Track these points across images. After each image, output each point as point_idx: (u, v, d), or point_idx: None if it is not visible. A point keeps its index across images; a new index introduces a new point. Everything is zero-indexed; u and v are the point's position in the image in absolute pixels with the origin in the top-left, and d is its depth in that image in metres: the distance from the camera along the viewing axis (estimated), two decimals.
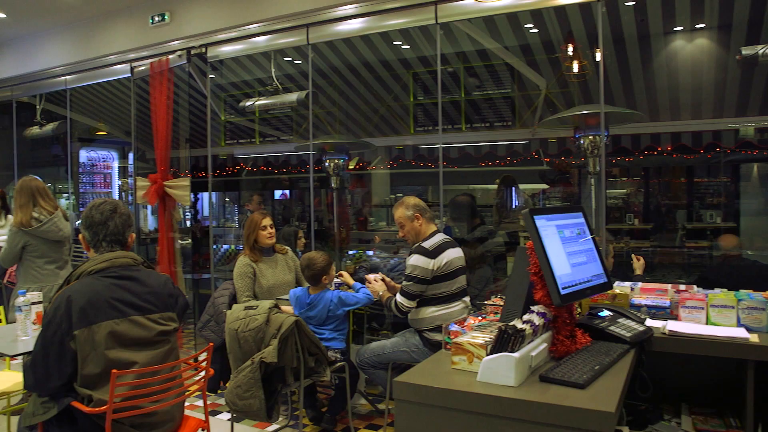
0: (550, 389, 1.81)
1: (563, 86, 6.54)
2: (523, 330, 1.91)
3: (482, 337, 2.04)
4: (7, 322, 4.13)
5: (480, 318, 2.49)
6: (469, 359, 1.98)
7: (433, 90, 7.30)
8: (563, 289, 2.04)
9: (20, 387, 3.65)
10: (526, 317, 2.02)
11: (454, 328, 2.33)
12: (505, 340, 1.88)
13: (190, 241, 7.57)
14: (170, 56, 5.94)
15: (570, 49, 5.83)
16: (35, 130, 8.05)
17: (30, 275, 4.46)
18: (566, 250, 2.18)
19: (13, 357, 3.63)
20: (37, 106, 8.07)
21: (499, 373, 1.84)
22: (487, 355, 1.91)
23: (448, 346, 2.16)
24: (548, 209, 2.24)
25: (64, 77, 7.29)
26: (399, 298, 3.73)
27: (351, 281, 4.20)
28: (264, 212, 4.58)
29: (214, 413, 4.42)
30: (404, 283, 3.74)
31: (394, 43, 6.40)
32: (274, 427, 4.20)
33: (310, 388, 4.24)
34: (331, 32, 5.20)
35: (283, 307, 3.74)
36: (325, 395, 4.60)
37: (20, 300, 3.46)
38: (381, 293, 3.91)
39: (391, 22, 4.96)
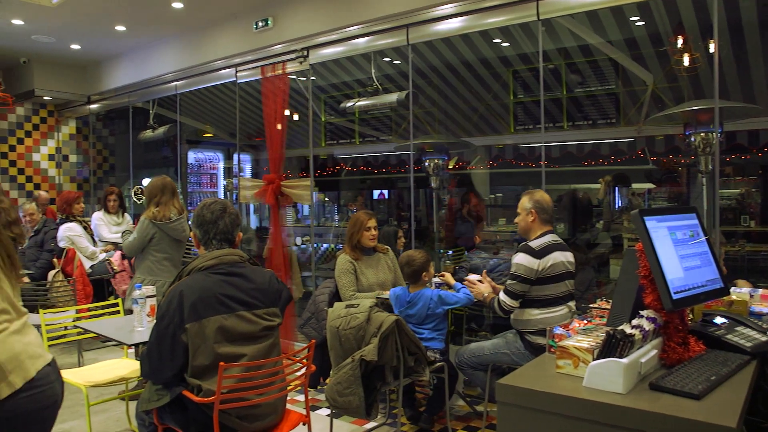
0: (661, 398, 1.73)
1: (672, 81, 6.23)
2: (632, 335, 1.84)
3: (588, 341, 1.98)
4: (125, 313, 4.41)
5: (585, 321, 2.42)
6: (574, 363, 1.93)
7: (533, 88, 7.16)
8: (675, 293, 1.95)
9: (137, 374, 3.88)
10: (635, 322, 1.95)
11: (559, 331, 2.28)
12: (613, 345, 1.82)
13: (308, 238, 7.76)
14: (287, 60, 6.12)
15: (680, 41, 5.55)
16: (148, 133, 8.56)
17: (147, 268, 4.69)
18: (678, 252, 2.08)
19: (129, 346, 3.86)
20: (150, 111, 8.57)
21: (607, 378, 1.78)
22: (594, 359, 1.85)
23: (553, 350, 2.11)
24: (659, 210, 2.15)
25: (174, 83, 7.69)
26: (502, 296, 3.69)
27: (452, 281, 4.18)
28: (370, 213, 4.60)
29: (314, 408, 4.52)
30: (508, 281, 3.69)
31: (494, 41, 6.33)
32: (372, 424, 4.25)
33: (409, 388, 4.26)
34: (430, 32, 5.19)
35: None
36: (423, 395, 4.61)
37: (136, 293, 3.68)
38: (486, 294, 3.88)
39: (491, 20, 4.90)
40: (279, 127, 6.06)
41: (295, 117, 8.37)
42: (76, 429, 4.19)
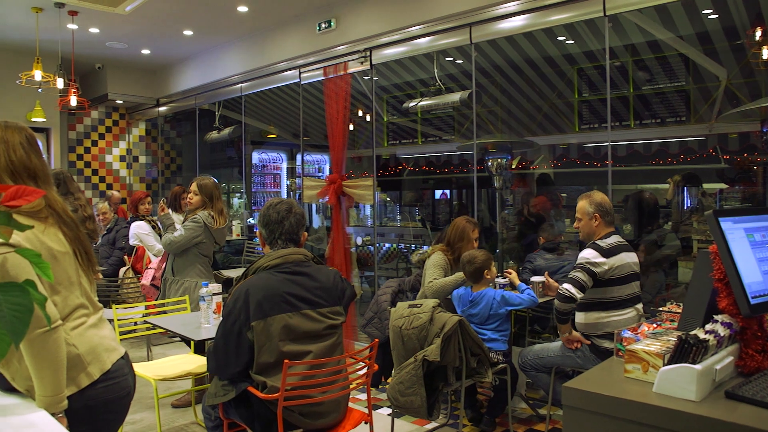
0: (738, 408, 1.66)
1: (747, 76, 5.98)
2: (705, 340, 1.77)
3: (658, 346, 1.92)
4: (191, 310, 4.53)
5: (655, 325, 2.34)
6: (644, 368, 1.87)
7: (599, 85, 6.99)
8: (753, 298, 1.87)
9: (203, 369, 3.98)
10: (708, 327, 1.88)
11: (627, 334, 2.21)
12: (686, 351, 1.76)
13: (368, 237, 7.82)
14: (349, 61, 6.17)
15: (758, 33, 5.32)
16: (214, 134, 8.78)
17: (198, 270, 4.73)
18: (756, 255, 1.99)
19: (196, 341, 3.97)
20: (216, 113, 8.79)
21: (679, 385, 1.72)
22: (665, 365, 1.79)
23: (621, 353, 2.06)
24: (735, 210, 2.07)
25: (239, 85, 7.86)
26: (565, 285, 3.59)
27: (517, 281, 4.12)
28: (473, 221, 4.39)
29: (376, 407, 4.54)
30: (571, 273, 3.61)
31: (558, 38, 6.21)
32: (434, 425, 4.23)
33: (471, 389, 4.23)
34: (494, 30, 5.14)
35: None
36: (484, 396, 4.57)
37: (203, 291, 3.78)
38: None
39: (555, 18, 4.81)
40: (341, 127, 6.12)
41: (360, 118, 8.43)
42: (145, 420, 4.34)
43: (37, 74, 6.52)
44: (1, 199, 0.97)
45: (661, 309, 2.66)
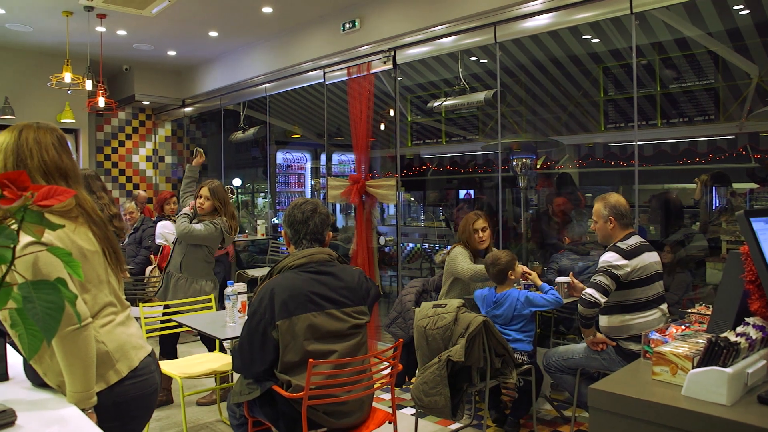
0: None
1: None
2: (737, 343, 1.74)
3: (687, 348, 1.89)
4: (217, 309, 4.56)
5: (683, 327, 2.31)
6: (672, 371, 1.84)
7: (625, 84, 6.91)
8: None
9: (228, 367, 4.02)
10: (739, 329, 1.84)
11: (655, 336, 2.19)
12: (716, 353, 1.73)
13: (391, 238, 7.82)
14: (373, 61, 6.18)
15: None
16: (239, 134, 8.84)
17: (206, 270, 4.81)
18: None
19: (221, 340, 4.00)
20: (241, 113, 8.86)
21: (709, 388, 1.69)
22: (694, 367, 1.77)
23: (648, 355, 2.03)
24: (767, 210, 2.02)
25: (264, 85, 7.91)
26: (588, 290, 3.57)
27: (539, 282, 4.10)
28: (478, 213, 4.52)
29: (399, 407, 4.54)
30: (594, 277, 3.58)
31: (584, 37, 6.15)
32: (458, 425, 4.22)
33: (495, 389, 4.21)
34: (518, 29, 5.10)
35: None
36: (509, 397, 4.54)
37: (228, 290, 3.81)
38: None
39: (581, 16, 4.76)
40: (364, 127, 6.12)
41: (384, 118, 8.43)
42: (171, 417, 4.38)
43: (67, 76, 6.63)
44: (33, 199, 0.98)
45: (689, 311, 2.62)
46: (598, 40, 6.23)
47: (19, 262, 1.70)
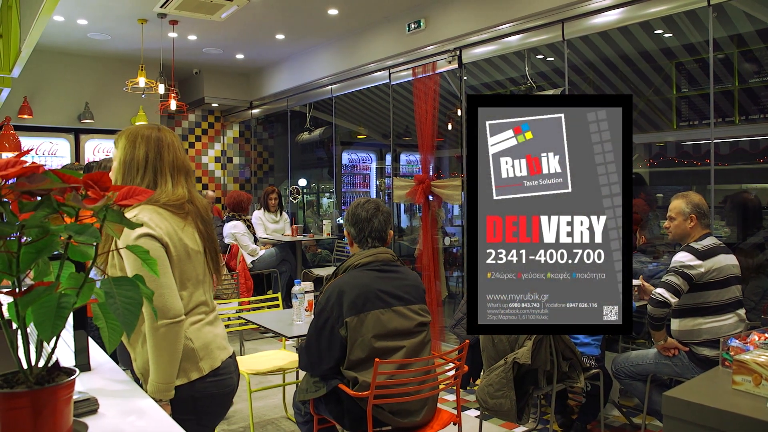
0: None
1: None
2: None
3: None
4: (284, 307, 4.64)
5: (766, 335, 2.20)
6: (755, 381, 1.76)
7: (700, 80, 6.66)
8: None
9: (294, 365, 4.07)
10: None
11: (735, 343, 2.09)
12: None
13: (457, 238, 7.78)
14: (438, 60, 6.15)
15: None
16: (305, 135, 8.97)
17: None
18: None
19: (288, 338, 4.07)
20: (307, 114, 8.98)
21: None
22: None
23: (728, 363, 1.94)
24: None
25: (330, 86, 7.98)
26: (658, 289, 3.44)
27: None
28: None
29: (464, 409, 4.50)
30: (665, 277, 3.45)
31: (656, 32, 5.96)
32: (523, 429, 4.16)
33: (562, 394, 4.13)
34: (587, 26, 4.98)
35: None
36: (575, 402, 4.44)
37: (296, 288, 3.87)
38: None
39: (653, 10, 4.60)
40: (430, 127, 6.10)
41: (450, 118, 8.39)
42: (239, 413, 4.48)
43: (141, 81, 6.87)
44: (114, 198, 1.02)
45: None
46: (670, 35, 6.02)
47: (128, 254, 1.86)
